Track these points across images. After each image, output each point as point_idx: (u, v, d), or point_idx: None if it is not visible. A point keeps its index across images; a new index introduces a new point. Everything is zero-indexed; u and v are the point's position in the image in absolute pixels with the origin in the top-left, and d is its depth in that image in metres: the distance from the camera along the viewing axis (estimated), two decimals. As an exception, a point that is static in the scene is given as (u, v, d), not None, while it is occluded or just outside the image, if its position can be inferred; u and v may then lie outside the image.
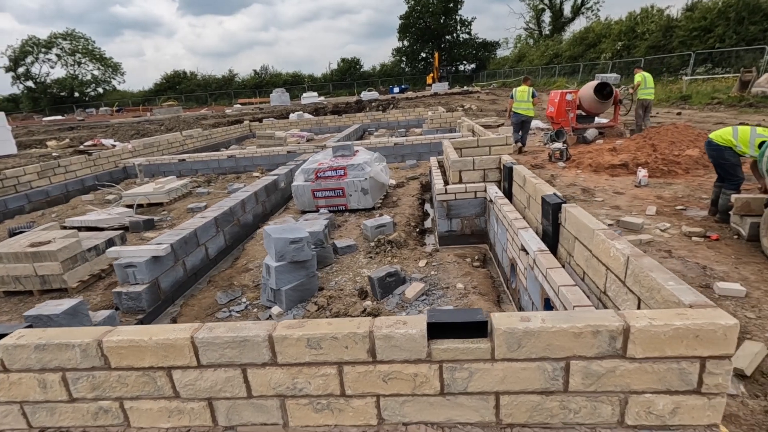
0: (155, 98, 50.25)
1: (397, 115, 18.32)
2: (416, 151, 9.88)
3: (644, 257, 1.93)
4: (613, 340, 1.46)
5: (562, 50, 35.29)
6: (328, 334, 1.56)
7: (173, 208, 7.30)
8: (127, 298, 3.74)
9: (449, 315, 1.58)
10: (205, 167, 10.45)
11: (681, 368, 1.47)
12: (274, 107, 29.82)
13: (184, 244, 4.40)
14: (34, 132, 23.26)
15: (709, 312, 1.46)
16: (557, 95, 9.83)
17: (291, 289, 3.54)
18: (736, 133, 4.37)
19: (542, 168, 7.85)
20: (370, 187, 5.94)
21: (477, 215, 4.85)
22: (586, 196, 5.90)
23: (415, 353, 1.55)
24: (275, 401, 1.67)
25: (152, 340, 1.62)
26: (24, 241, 4.40)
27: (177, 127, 18.62)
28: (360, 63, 57.22)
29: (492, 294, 3.61)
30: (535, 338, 1.49)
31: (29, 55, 52.33)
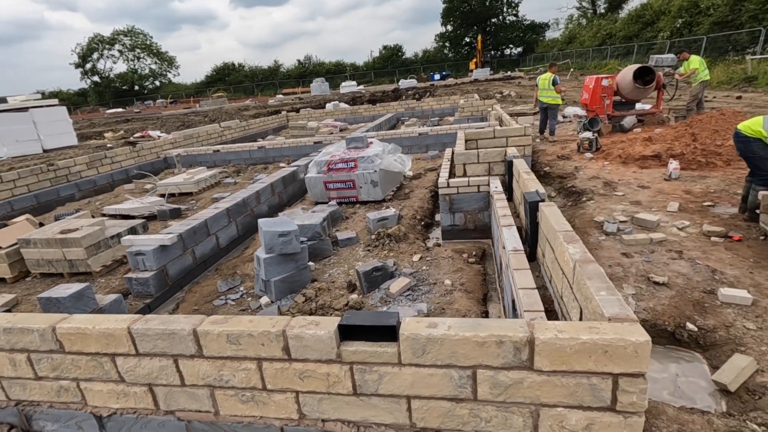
0: (206, 90, 52.62)
1: (431, 104, 18.04)
2: (440, 141, 9.71)
3: (590, 264, 1.83)
4: (518, 351, 1.42)
5: (616, 30, 32.95)
6: (245, 331, 1.63)
7: (201, 198, 7.70)
8: (136, 283, 4.04)
9: (361, 318, 1.60)
10: (237, 158, 10.88)
11: (592, 384, 1.40)
12: (314, 97, 30.32)
13: (193, 233, 4.66)
14: (95, 124, 25.21)
15: (623, 327, 1.37)
16: (592, 80, 9.25)
17: (280, 281, 3.66)
18: (767, 124, 3.94)
19: (568, 159, 7.48)
20: (380, 179, 5.95)
21: (480, 210, 4.74)
22: (606, 190, 5.57)
23: (326, 354, 1.58)
24: (205, 391, 1.77)
25: (95, 329, 1.76)
26: (56, 228, 4.84)
27: (219, 119, 19.45)
28: (402, 50, 56.68)
29: (479, 291, 3.54)
30: (439, 345, 1.47)
31: (95, 52, 56.40)
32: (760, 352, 2.46)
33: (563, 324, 1.43)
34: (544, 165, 7.34)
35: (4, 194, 7.72)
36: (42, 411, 2.00)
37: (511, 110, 14.14)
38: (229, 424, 1.79)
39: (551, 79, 9.13)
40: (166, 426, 1.86)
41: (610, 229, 4.25)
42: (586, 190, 5.72)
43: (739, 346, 2.53)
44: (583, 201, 5.38)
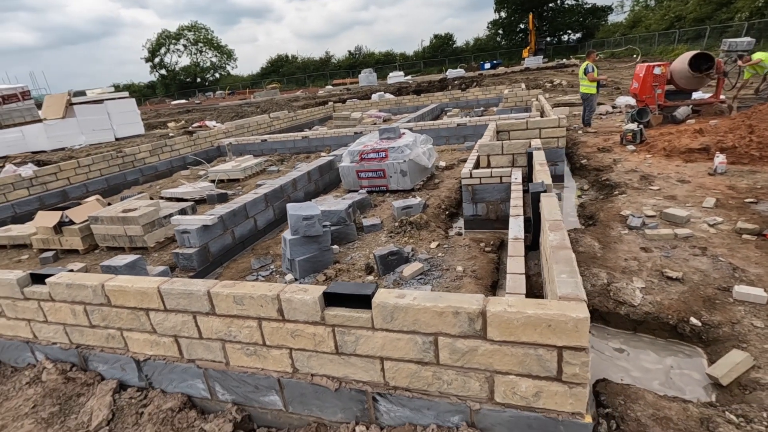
0: (261, 81, 54.78)
1: (477, 94, 17.77)
2: (479, 132, 9.65)
3: (563, 250, 1.95)
4: (473, 322, 1.59)
5: (686, 12, 30.38)
6: (247, 293, 1.92)
7: (246, 184, 8.28)
8: (182, 258, 4.55)
9: (344, 287, 1.83)
10: (282, 147, 11.46)
11: (539, 355, 1.55)
12: (361, 87, 30.73)
13: (233, 216, 5.12)
14: (161, 114, 27.23)
15: (567, 305, 1.51)
16: (643, 69, 8.77)
17: (304, 260, 3.99)
18: None
19: (608, 151, 7.22)
20: (410, 169, 6.13)
21: (502, 200, 4.80)
22: (641, 184, 5.39)
23: (312, 316, 1.84)
24: (218, 344, 2.10)
25: (133, 287, 2.14)
26: (119, 208, 5.50)
27: (270, 109, 20.37)
28: (453, 39, 55.62)
29: (489, 279, 3.66)
30: (404, 313, 1.68)
31: (162, 47, 60.45)
32: (762, 349, 2.42)
33: (514, 299, 1.59)
34: (581, 157, 7.15)
35: (80, 177, 8.74)
36: (95, 354, 2.44)
37: (558, 100, 13.67)
38: (237, 373, 2.10)
39: (584, 68, 9.06)
40: (188, 372, 2.22)
41: (634, 223, 4.17)
42: (620, 183, 5.57)
43: (742, 342, 2.51)
44: (615, 194, 5.25)
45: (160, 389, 2.33)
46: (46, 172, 8.19)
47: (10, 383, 2.59)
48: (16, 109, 13.87)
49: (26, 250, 5.91)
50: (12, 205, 7.45)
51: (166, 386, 2.32)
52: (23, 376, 2.57)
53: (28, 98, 14.35)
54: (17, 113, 13.86)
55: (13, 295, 2.50)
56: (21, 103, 14.06)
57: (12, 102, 13.77)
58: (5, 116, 13.45)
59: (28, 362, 2.71)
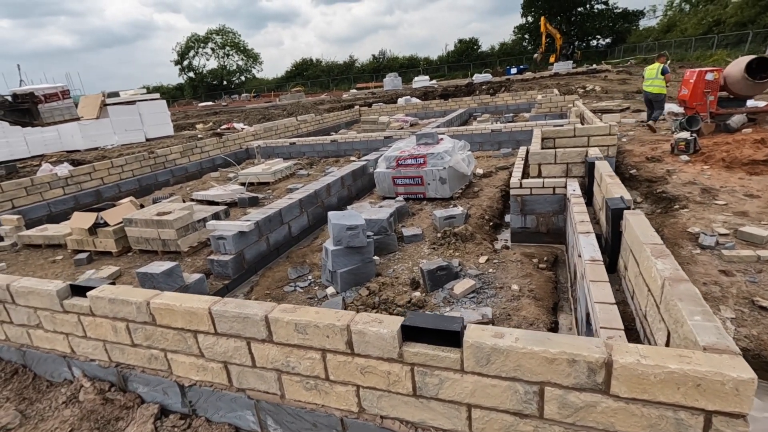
0: (285, 84, 55.39)
1: (506, 99, 17.39)
2: (514, 138, 9.32)
3: (682, 283, 1.64)
4: (593, 373, 1.32)
5: (726, 16, 29.18)
6: (312, 321, 1.69)
7: (277, 188, 8.15)
8: (217, 264, 4.39)
9: (425, 320, 1.58)
10: (311, 150, 11.34)
11: (678, 418, 1.26)
12: (386, 92, 30.59)
13: (269, 222, 4.94)
14: (189, 116, 27.68)
15: (721, 359, 1.21)
16: (693, 74, 8.27)
17: (346, 272, 3.76)
18: None
19: (659, 161, 6.79)
20: (449, 176, 5.85)
21: (555, 213, 4.48)
22: (704, 198, 4.98)
23: (387, 352, 1.59)
24: (273, 374, 1.88)
25: (182, 307, 1.94)
26: (153, 210, 5.40)
27: (297, 112, 20.40)
28: (478, 43, 55.06)
29: (549, 300, 3.36)
30: (504, 357, 1.41)
31: (191, 50, 61.87)
32: None
33: (647, 348, 1.30)
34: (630, 167, 6.74)
35: (114, 177, 8.78)
36: (136, 374, 2.25)
37: (595, 106, 13.17)
38: (293, 408, 1.87)
39: (660, 69, 9.12)
40: (237, 402, 2.00)
41: (707, 242, 3.79)
42: (679, 196, 5.16)
43: None
44: (675, 209, 4.86)
45: (204, 417, 2.12)
46: (81, 171, 8.24)
47: (46, 401, 2.43)
48: (56, 107, 14.34)
49: (61, 250, 5.88)
50: (48, 204, 7.50)
51: (211, 415, 2.11)
52: (59, 394, 2.41)
53: (67, 97, 14.83)
54: (57, 112, 14.32)
55: (52, 307, 2.34)
56: (61, 101, 14.53)
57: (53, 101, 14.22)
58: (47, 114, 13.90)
59: (64, 377, 2.55)
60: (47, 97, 14.04)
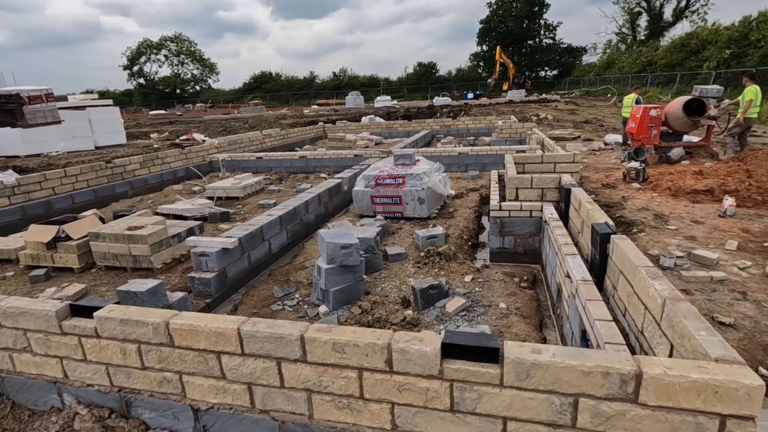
0: (243, 96, 54.36)
1: (467, 123, 18.16)
2: (480, 161, 9.79)
3: (682, 302, 1.87)
4: (624, 384, 1.47)
5: (657, 57, 32.47)
6: (351, 341, 1.73)
7: (247, 203, 7.98)
8: (198, 282, 4.24)
9: (464, 338, 1.68)
10: (279, 166, 11.22)
11: (698, 422, 1.43)
12: (349, 109, 30.90)
13: (251, 238, 4.86)
14: (141, 124, 26.39)
15: (734, 369, 1.41)
16: (639, 110, 9.16)
17: (338, 291, 3.78)
18: None
19: (614, 188, 7.40)
20: (427, 197, 6.05)
21: (531, 234, 4.77)
22: (658, 223, 5.50)
23: (428, 369, 1.67)
24: (303, 394, 1.88)
25: (207, 327, 1.91)
26: (123, 225, 5.13)
27: (259, 126, 20.08)
28: (436, 67, 57.17)
29: (535, 317, 3.57)
30: (543, 371, 1.54)
31: (143, 56, 59.34)
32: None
33: (669, 361, 1.48)
34: (589, 192, 7.27)
35: (66, 187, 8.20)
36: (142, 399, 2.15)
37: (550, 134, 14.08)
38: (322, 428, 1.88)
39: (635, 99, 10.96)
40: (259, 424, 1.98)
41: (667, 263, 4.20)
42: (636, 221, 5.66)
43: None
44: (634, 232, 5.32)
45: (219, 442, 2.07)
46: (30, 180, 7.64)
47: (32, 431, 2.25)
48: (40, 110, 13.52)
49: (11, 265, 5.41)
50: (-9, 215, 6.87)
51: (227, 439, 2.06)
52: (49, 423, 2.24)
53: (51, 99, 14.03)
54: (40, 114, 13.55)
55: (48, 328, 2.20)
56: (45, 104, 13.73)
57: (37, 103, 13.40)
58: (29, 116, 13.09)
59: (51, 405, 2.37)
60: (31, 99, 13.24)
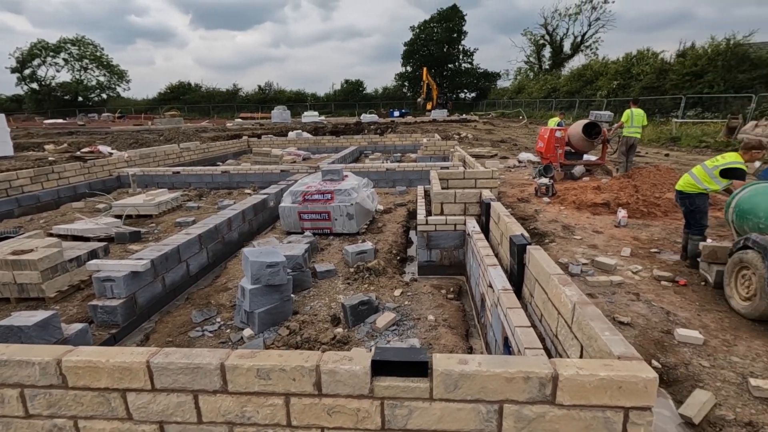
0: (158, 107, 50.73)
1: (393, 140, 18.64)
2: (407, 177, 10.06)
3: (589, 306, 2.04)
4: (543, 387, 1.55)
5: (560, 85, 36.23)
6: (277, 365, 1.64)
7: (162, 221, 7.37)
8: (102, 311, 3.79)
9: (393, 353, 1.67)
10: (199, 181, 10.57)
11: (606, 417, 1.56)
12: (275, 124, 30.20)
13: (165, 260, 4.47)
14: (33, 134, 23.38)
15: (633, 364, 1.56)
16: (546, 131, 10.10)
17: (264, 312, 3.60)
18: (695, 177, 4.60)
19: (527, 202, 8.02)
20: (356, 212, 6.05)
21: (456, 247, 4.96)
22: (565, 234, 6.04)
23: (358, 389, 1.63)
24: (224, 428, 1.73)
25: (109, 363, 1.69)
26: (6, 249, 4.45)
27: (176, 139, 18.79)
28: (363, 85, 58.31)
29: (461, 328, 3.69)
30: (470, 381, 1.57)
31: (37, 58, 53.02)
32: (716, 387, 2.77)
33: (580, 361, 1.59)
34: (507, 206, 7.79)
35: (-69, 206, 6.94)
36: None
37: (470, 151, 14.95)
38: (246, 463, 1.74)
39: (557, 122, 11.78)
40: (173, 467, 1.78)
41: (575, 270, 4.61)
42: (547, 232, 6.16)
43: (698, 382, 2.84)
44: (546, 243, 5.79)
45: (124, 493, 1.82)
46: None
47: None
48: None
49: None
50: None
51: (134, 488, 1.82)
52: None
53: None
54: None
55: None
56: None
57: None
58: None
59: None
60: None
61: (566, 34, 48.85)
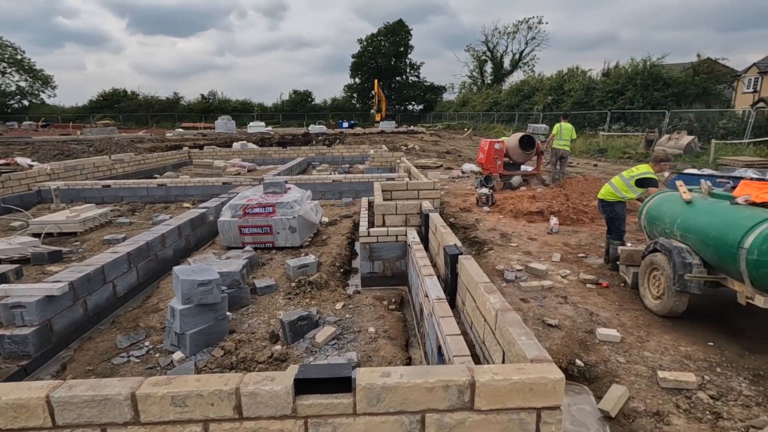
0: (89, 116, 47.30)
1: (342, 151, 18.66)
2: (354, 188, 10.09)
3: (510, 312, 2.15)
4: (462, 394, 1.61)
5: (501, 99, 38.13)
6: (194, 391, 1.57)
7: (88, 239, 6.84)
8: (10, 341, 3.43)
9: (317, 370, 1.66)
10: (132, 195, 9.95)
11: (521, 418, 1.64)
12: (219, 134, 29.14)
13: (88, 281, 4.15)
14: (-63, 145, 20.90)
15: (543, 367, 1.65)
16: (486, 144, 10.58)
17: (196, 333, 3.43)
18: (614, 187, 5.02)
19: (469, 211, 8.31)
20: (299, 225, 5.97)
21: (398, 258, 5.03)
22: (503, 241, 6.32)
23: (281, 409, 1.60)
24: (136, 462, 1.63)
25: (2, 401, 1.53)
26: None
27: (108, 150, 17.61)
28: (312, 96, 57.93)
29: (401, 338, 3.73)
30: (392, 393, 1.59)
31: (-57, 60, 47.74)
32: (630, 381, 3.00)
33: (496, 367, 1.67)
34: (449, 216, 8.04)
35: None
36: None
37: (416, 162, 15.29)
38: (162, 497, 1.64)
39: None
40: None
41: (510, 276, 4.83)
42: (486, 240, 6.42)
43: (615, 377, 3.06)
44: (485, 250, 6.02)
45: None
46: None
47: None
48: None
49: None
50: None
51: None
52: None
53: None
54: None
55: None
56: None
57: None
58: None
59: None
60: None
61: (506, 51, 51.89)
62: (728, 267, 3.37)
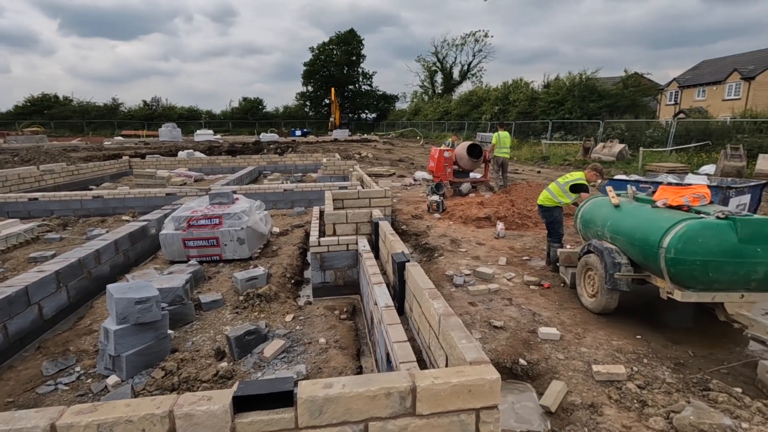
0: (15, 123, 43.50)
1: (294, 159, 18.39)
2: (306, 197, 9.97)
3: (452, 317, 2.21)
4: (404, 400, 1.63)
5: (451, 108, 39.34)
6: (122, 417, 1.48)
7: (10, 258, 6.26)
8: None
9: (257, 386, 1.62)
10: (64, 208, 9.23)
11: (461, 420, 1.69)
12: (163, 142, 27.82)
13: (9, 304, 3.79)
14: None
15: (481, 368, 1.72)
16: (437, 152, 10.87)
17: (134, 354, 3.24)
18: (551, 193, 5.33)
19: (421, 218, 8.47)
20: (248, 236, 5.81)
21: (350, 267, 5.02)
22: (453, 247, 6.50)
23: (219, 430, 1.54)
24: (58, 499, 1.50)
25: None
26: None
27: (36, 159, 16.25)
28: (263, 103, 56.83)
29: (353, 347, 3.71)
30: (335, 404, 1.59)
31: None
32: (568, 376, 3.18)
33: (437, 371, 1.72)
34: (401, 223, 8.15)
35: None
36: None
37: (369, 171, 15.39)
38: None
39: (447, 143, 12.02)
40: None
41: (459, 281, 4.97)
42: (437, 246, 6.56)
43: (555, 373, 3.23)
44: (436, 256, 6.16)
45: None
46: None
47: None
48: None
49: None
50: None
51: None
52: None
53: None
54: None
55: None
56: None
57: None
58: None
59: None
60: None
61: (455, 62, 53.81)
62: (651, 265, 3.67)
